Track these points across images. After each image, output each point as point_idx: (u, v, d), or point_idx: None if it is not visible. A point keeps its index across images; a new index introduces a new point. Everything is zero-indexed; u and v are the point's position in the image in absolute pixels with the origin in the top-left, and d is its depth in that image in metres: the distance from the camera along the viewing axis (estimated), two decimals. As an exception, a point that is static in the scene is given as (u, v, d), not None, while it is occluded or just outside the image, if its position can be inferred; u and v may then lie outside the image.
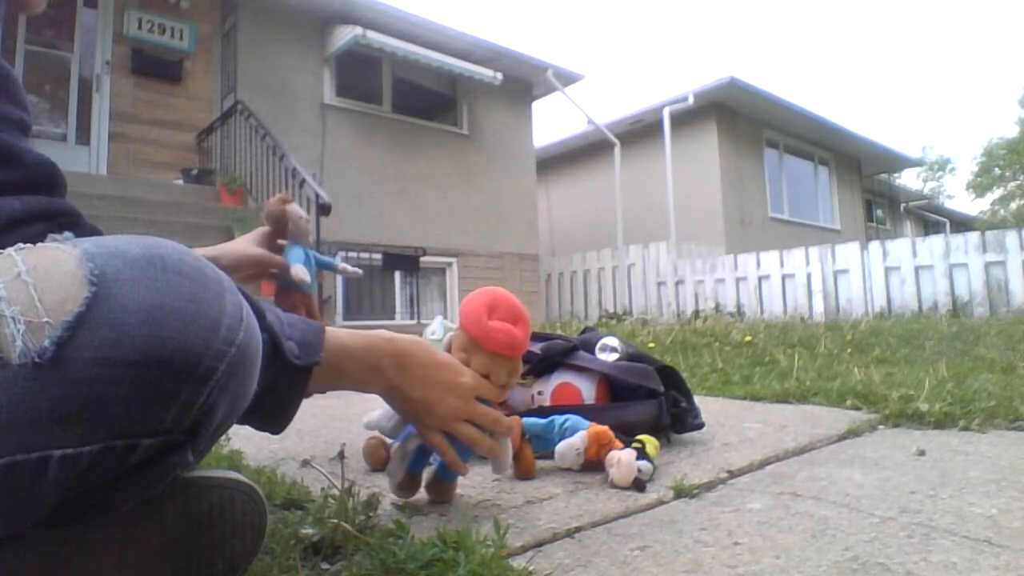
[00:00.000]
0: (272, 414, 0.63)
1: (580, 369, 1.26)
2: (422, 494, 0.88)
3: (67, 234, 0.46)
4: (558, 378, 1.26)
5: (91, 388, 0.40)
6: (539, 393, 1.25)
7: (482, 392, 0.78)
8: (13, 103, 0.53)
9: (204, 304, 0.45)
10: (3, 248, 0.44)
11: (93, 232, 0.56)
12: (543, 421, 1.06)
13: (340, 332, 0.71)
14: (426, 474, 0.86)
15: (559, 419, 1.05)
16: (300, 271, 1.03)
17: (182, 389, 0.43)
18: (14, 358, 0.38)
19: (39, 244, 0.44)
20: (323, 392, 0.71)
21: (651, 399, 1.21)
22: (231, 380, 0.46)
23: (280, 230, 1.09)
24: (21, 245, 0.43)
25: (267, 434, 0.69)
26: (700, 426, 1.27)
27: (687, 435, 1.28)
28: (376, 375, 0.73)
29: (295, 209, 1.08)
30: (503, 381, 0.80)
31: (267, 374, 0.56)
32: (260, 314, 0.57)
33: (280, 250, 1.08)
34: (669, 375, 1.28)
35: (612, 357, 1.26)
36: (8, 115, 0.52)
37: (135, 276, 0.43)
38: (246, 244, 1.07)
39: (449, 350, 0.81)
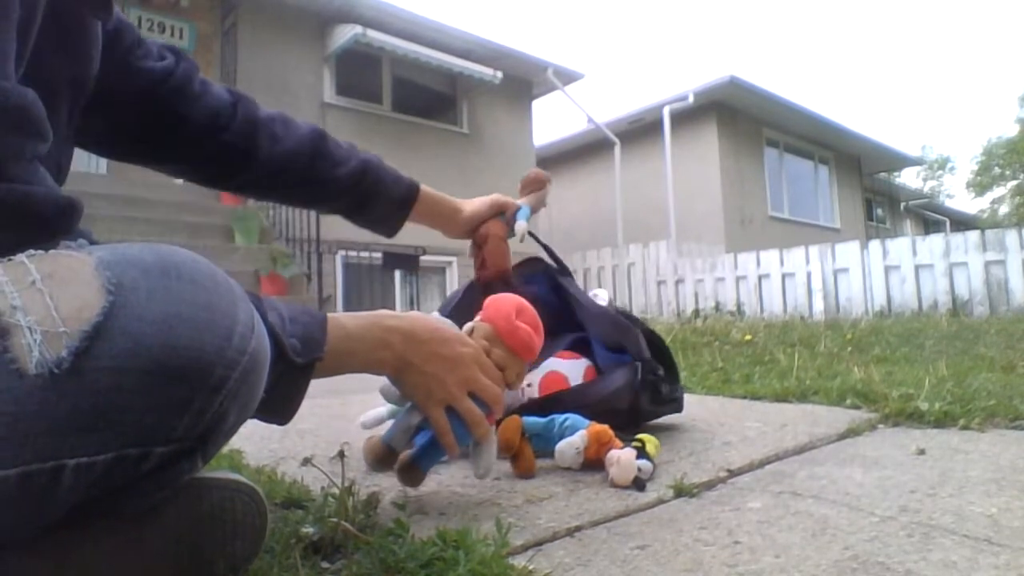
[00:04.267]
0: (277, 409, 0.64)
1: (567, 358, 1.27)
2: (423, 491, 0.88)
3: (81, 241, 0.46)
4: (545, 368, 1.26)
5: (107, 398, 0.40)
6: (528, 386, 1.25)
7: (485, 367, 0.79)
8: (27, 135, 0.50)
9: (218, 313, 0.45)
10: None
11: None
12: (543, 420, 1.06)
13: (343, 317, 0.71)
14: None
15: (559, 418, 1.05)
16: (523, 226, 1.16)
17: (195, 398, 0.43)
18: (31, 368, 0.38)
19: (52, 251, 0.43)
20: (335, 375, 0.71)
21: (626, 364, 1.19)
22: (242, 388, 0.47)
23: (525, 193, 1.22)
24: (33, 252, 0.43)
25: (267, 434, 0.68)
26: (677, 404, 1.23)
27: (687, 435, 1.28)
28: (385, 350, 0.72)
29: (548, 189, 1.24)
30: (511, 380, 0.82)
31: (270, 373, 0.55)
32: (262, 314, 0.57)
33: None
34: (655, 344, 1.25)
35: (603, 303, 1.27)
36: (20, 152, 0.49)
37: (151, 285, 0.43)
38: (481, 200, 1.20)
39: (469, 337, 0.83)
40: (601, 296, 1.30)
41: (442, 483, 0.96)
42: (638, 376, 1.17)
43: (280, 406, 0.64)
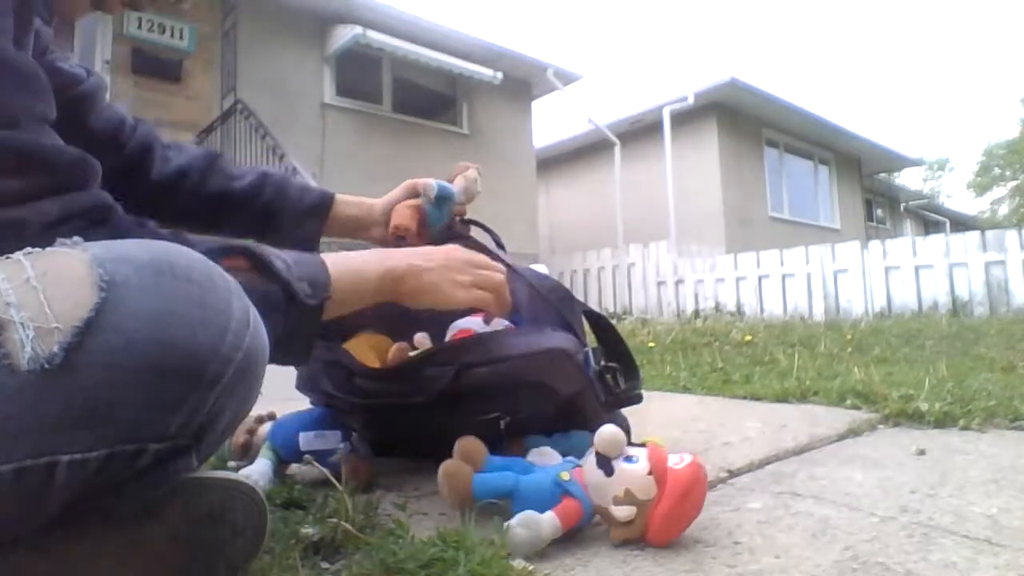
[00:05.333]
0: (294, 352, 0.66)
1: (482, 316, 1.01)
2: (424, 492, 0.88)
3: (76, 238, 0.46)
4: (455, 328, 1.04)
5: (99, 394, 0.40)
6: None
7: (481, 265, 0.80)
8: (35, 98, 0.53)
9: (211, 310, 0.45)
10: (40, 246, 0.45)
11: (129, 225, 0.56)
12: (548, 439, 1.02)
13: (333, 256, 0.71)
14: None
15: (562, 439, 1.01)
16: (430, 184, 1.04)
17: (189, 395, 0.44)
18: (23, 364, 0.38)
19: (48, 249, 0.44)
20: (347, 311, 0.71)
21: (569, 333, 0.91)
22: (238, 385, 0.47)
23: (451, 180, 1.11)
24: (30, 250, 0.43)
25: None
26: (638, 399, 0.98)
27: (687, 435, 1.28)
28: (390, 260, 0.74)
29: (475, 174, 1.14)
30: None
31: (285, 319, 0.59)
32: (268, 263, 0.59)
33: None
34: (599, 328, 1.00)
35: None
36: (31, 110, 0.52)
37: (144, 282, 0.43)
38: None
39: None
40: (541, 270, 1.07)
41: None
42: (590, 363, 0.92)
43: (297, 349, 0.65)
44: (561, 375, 0.87)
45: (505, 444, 0.87)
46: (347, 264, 0.70)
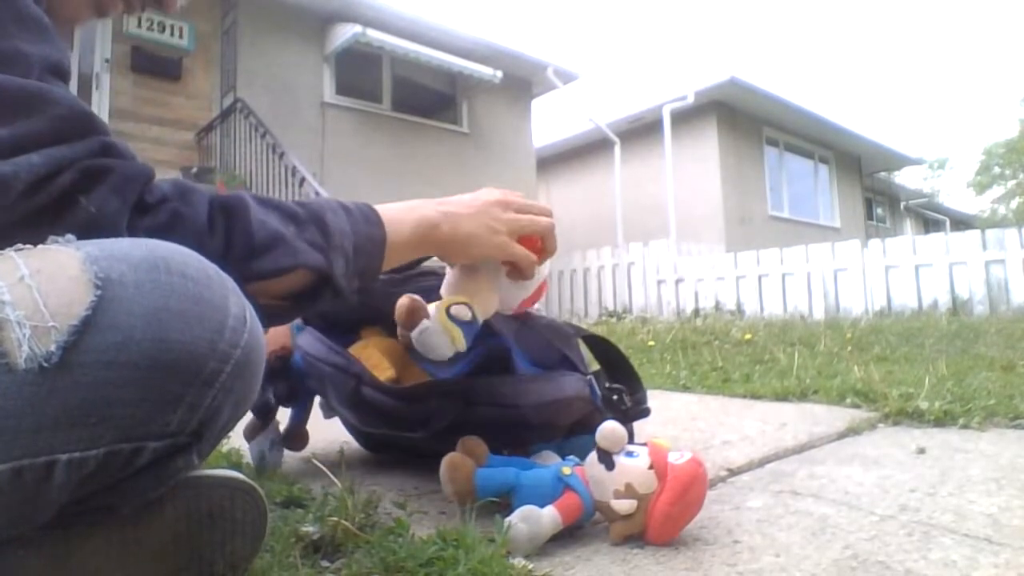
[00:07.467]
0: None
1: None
2: (424, 491, 0.88)
3: (69, 236, 0.45)
4: None
5: (97, 392, 0.40)
6: None
7: (522, 209, 0.77)
8: (50, 45, 0.51)
9: (208, 307, 0.45)
10: (41, 205, 0.46)
11: (133, 177, 0.51)
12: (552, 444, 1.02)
13: (390, 216, 0.67)
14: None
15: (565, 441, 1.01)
16: None
17: (187, 392, 0.43)
18: (20, 363, 0.38)
19: (40, 247, 0.43)
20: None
21: (574, 372, 0.92)
22: (236, 382, 0.46)
23: None
24: (21, 246, 0.43)
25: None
26: (646, 412, 0.99)
27: (687, 434, 1.28)
28: (419, 215, 0.70)
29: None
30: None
31: (332, 300, 0.61)
32: (329, 261, 0.59)
33: None
34: (600, 348, 1.01)
35: None
36: (46, 57, 0.50)
37: (139, 279, 0.42)
38: None
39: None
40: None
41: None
42: (594, 389, 0.93)
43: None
44: (569, 414, 0.90)
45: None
46: (388, 228, 0.66)
